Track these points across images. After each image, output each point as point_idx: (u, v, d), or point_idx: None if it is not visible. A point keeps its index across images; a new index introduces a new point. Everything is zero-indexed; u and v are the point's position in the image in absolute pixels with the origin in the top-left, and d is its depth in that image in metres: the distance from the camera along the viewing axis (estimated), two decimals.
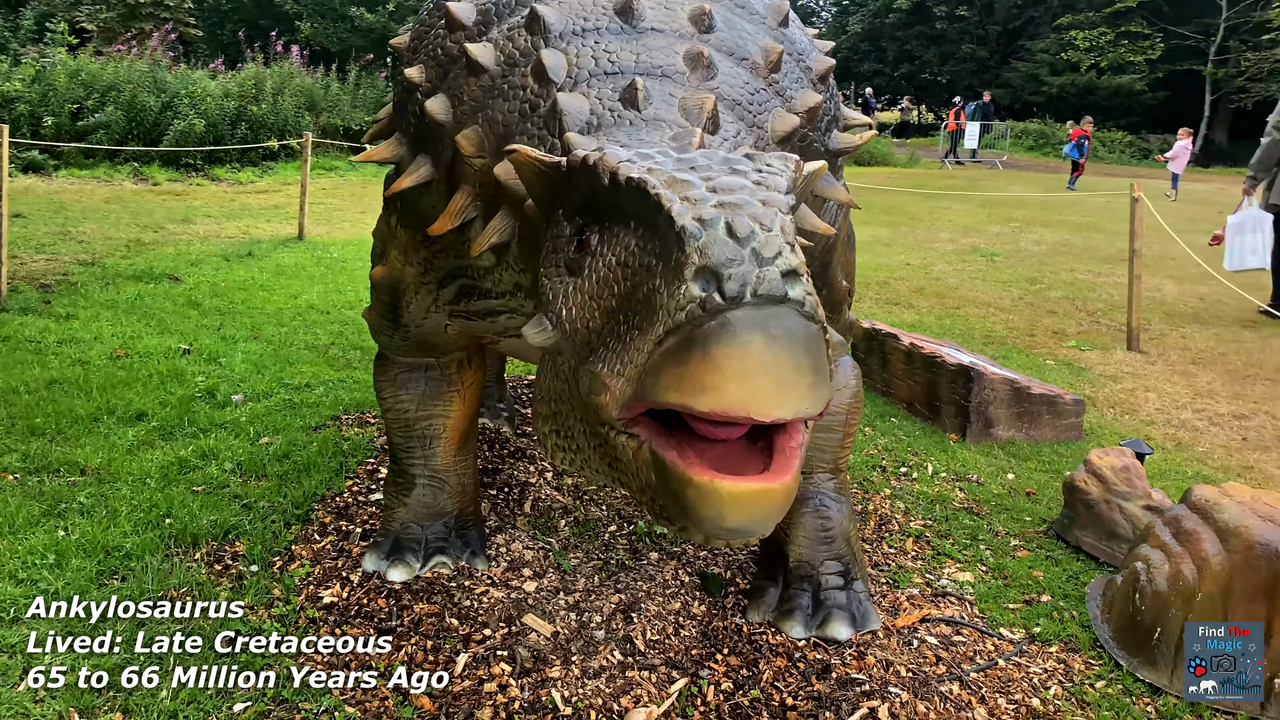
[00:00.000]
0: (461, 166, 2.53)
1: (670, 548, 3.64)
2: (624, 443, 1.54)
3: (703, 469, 1.41)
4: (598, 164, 1.63)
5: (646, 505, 1.57)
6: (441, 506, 3.40)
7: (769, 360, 1.34)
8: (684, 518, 1.47)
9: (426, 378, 3.32)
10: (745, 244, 1.39)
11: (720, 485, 1.40)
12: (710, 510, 1.42)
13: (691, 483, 1.41)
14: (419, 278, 2.97)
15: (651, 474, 1.49)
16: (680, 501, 1.45)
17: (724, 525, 1.44)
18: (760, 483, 1.41)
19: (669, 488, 1.46)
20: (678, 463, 1.44)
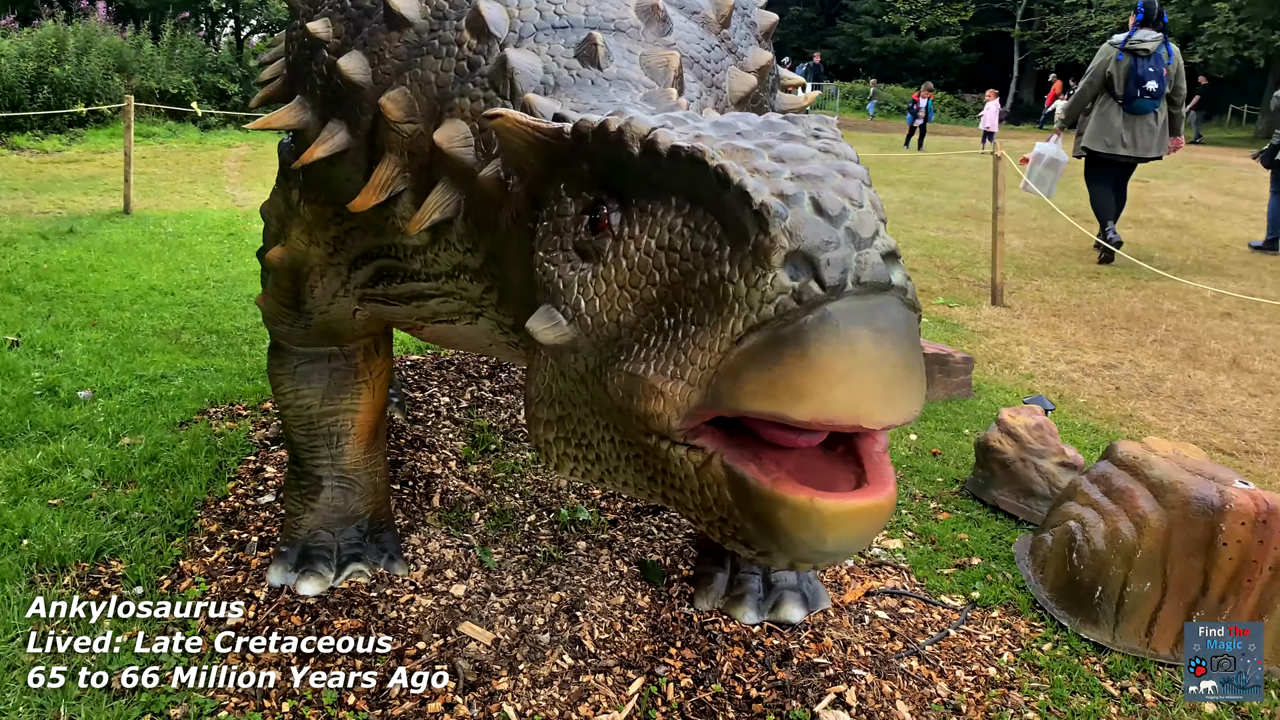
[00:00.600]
0: (386, 133, 2.24)
1: (598, 535, 3.45)
2: (683, 456, 1.33)
3: (797, 486, 1.22)
4: (624, 131, 1.40)
5: (711, 526, 1.37)
6: (353, 510, 3.10)
7: (876, 358, 1.16)
8: (769, 541, 1.27)
9: (330, 369, 2.99)
10: (838, 223, 1.20)
11: (823, 505, 1.20)
12: (809, 534, 1.22)
13: (785, 503, 1.21)
14: (327, 259, 2.65)
15: (726, 492, 1.29)
16: (767, 524, 1.25)
17: (823, 549, 1.25)
18: (867, 499, 1.22)
19: (751, 508, 1.26)
20: (761, 479, 1.24)
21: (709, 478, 1.30)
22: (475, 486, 3.84)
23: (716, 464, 1.29)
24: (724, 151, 1.28)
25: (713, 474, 1.30)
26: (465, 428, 4.35)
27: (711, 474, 1.30)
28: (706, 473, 1.30)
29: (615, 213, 1.46)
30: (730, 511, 1.29)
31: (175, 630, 2.84)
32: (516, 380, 4.91)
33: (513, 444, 4.23)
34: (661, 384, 1.30)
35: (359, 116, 2.32)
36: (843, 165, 1.28)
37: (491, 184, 1.98)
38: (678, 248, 1.33)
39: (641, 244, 1.38)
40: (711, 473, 1.30)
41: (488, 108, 2.08)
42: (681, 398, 1.28)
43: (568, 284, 1.50)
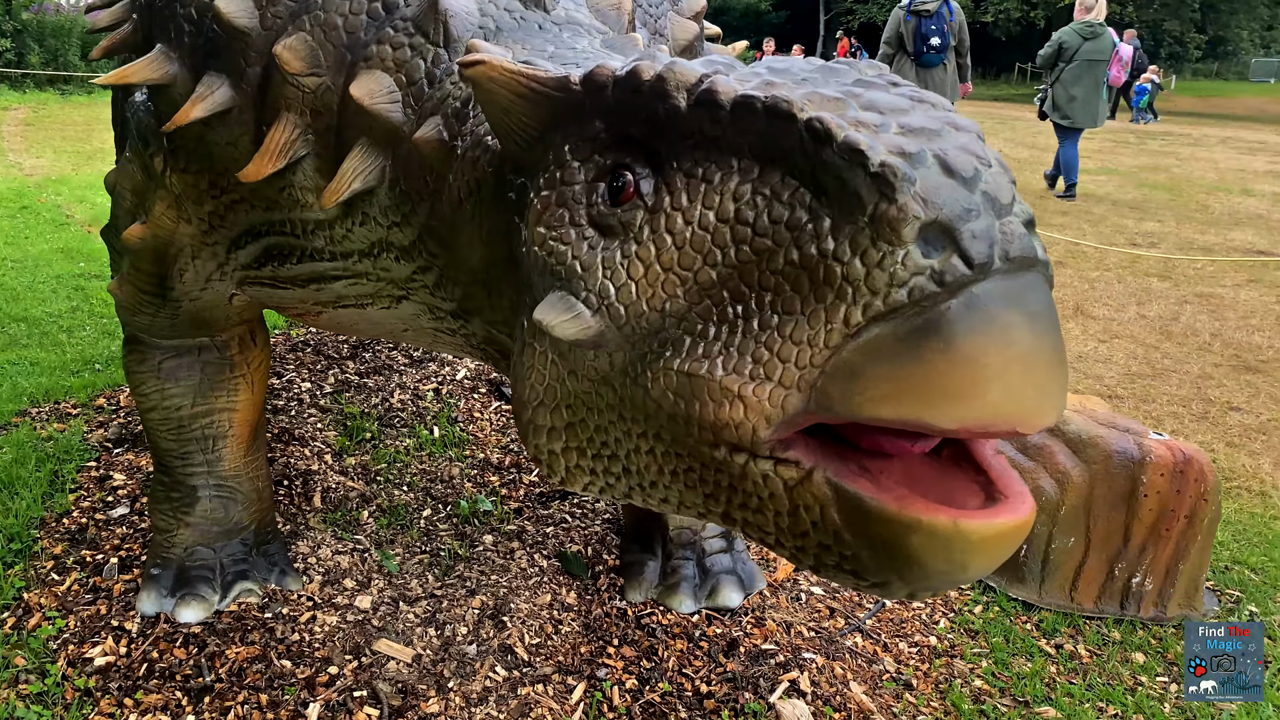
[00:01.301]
0: (282, 88, 1.91)
1: (504, 527, 3.19)
2: (769, 473, 1.10)
3: (931, 506, 1.02)
4: (665, 80, 1.16)
5: (800, 553, 1.15)
6: (236, 521, 2.73)
7: (1033, 349, 0.97)
8: (890, 571, 1.06)
9: (201, 363, 2.60)
10: (972, 186, 1.00)
11: (969, 528, 1.00)
12: (947, 562, 1.02)
13: (920, 528, 1.01)
14: (200, 237, 2.28)
15: (833, 515, 1.07)
16: (893, 552, 1.04)
17: (960, 576, 1.06)
18: (1015, 517, 1.03)
19: (870, 534, 1.05)
20: (884, 499, 1.03)
21: (807, 498, 1.09)
22: (357, 481, 3.50)
23: (820, 482, 1.07)
24: (811, 101, 1.05)
25: (814, 494, 1.08)
26: (334, 415, 3.98)
27: (812, 494, 1.08)
28: (804, 492, 1.09)
29: (645, 179, 1.21)
30: (837, 538, 1.08)
31: (30, 677, 2.42)
32: (383, 360, 4.55)
33: (390, 431, 3.89)
34: (739, 386, 1.07)
35: (244, 68, 1.97)
36: (951, 118, 1.08)
37: (431, 147, 1.69)
38: (748, 220, 1.10)
39: (693, 216, 1.14)
40: (812, 492, 1.08)
41: (415, 57, 1.79)
42: (772, 404, 1.05)
43: (588, 267, 1.24)
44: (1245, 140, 19.48)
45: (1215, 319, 6.51)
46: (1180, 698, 2.67)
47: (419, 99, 1.76)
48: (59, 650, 2.52)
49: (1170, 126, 22.00)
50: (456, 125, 1.67)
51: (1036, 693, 2.64)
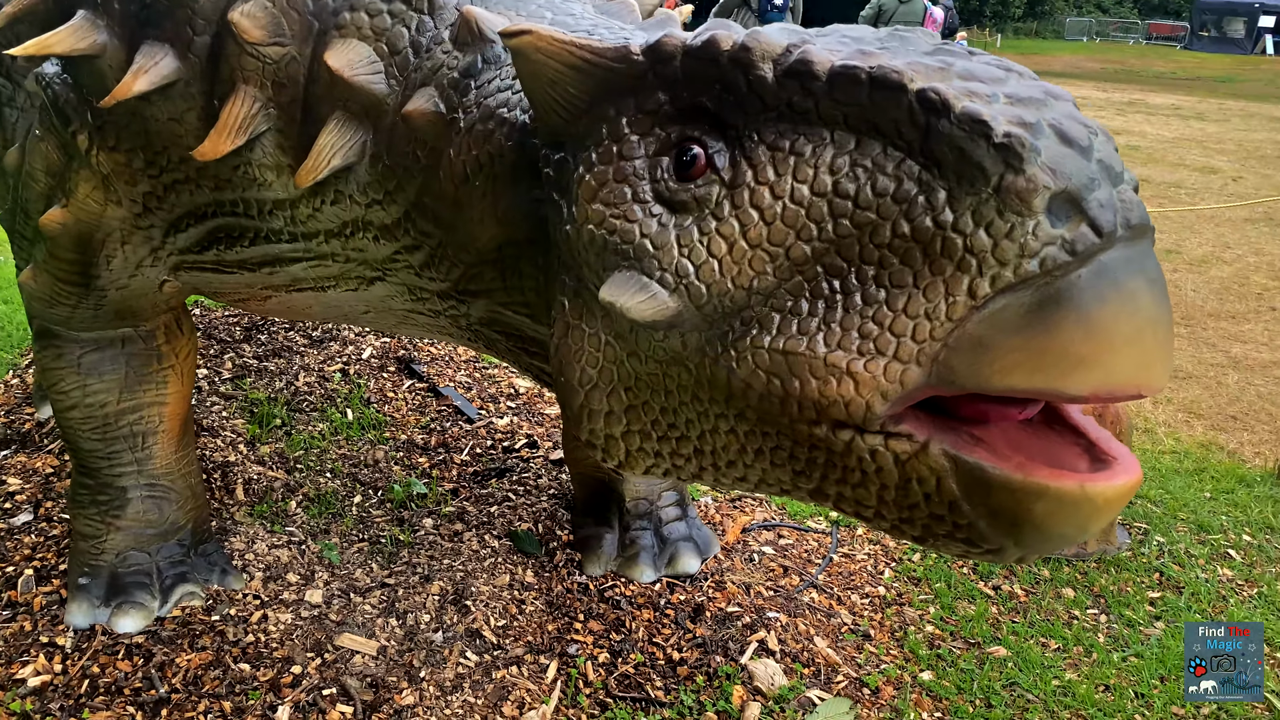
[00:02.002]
0: (240, 59, 1.78)
1: (443, 509, 3.11)
2: (879, 448, 1.09)
3: (1057, 473, 1.03)
4: (750, 50, 1.12)
5: (905, 525, 1.15)
6: (171, 521, 2.56)
7: (1156, 315, 1.00)
8: (1008, 537, 1.07)
9: (125, 355, 2.42)
10: (1089, 155, 1.01)
11: (1096, 491, 1.02)
12: (1071, 525, 1.05)
13: (1047, 493, 1.02)
14: (134, 221, 2.11)
15: (951, 486, 1.08)
16: (1013, 518, 1.05)
17: (1080, 537, 1.09)
18: (1131, 477, 1.06)
19: (991, 502, 1.06)
20: (1006, 468, 1.04)
21: (922, 470, 1.09)
22: (278, 470, 3.34)
23: (937, 454, 1.07)
24: (917, 71, 1.04)
25: (930, 465, 1.08)
26: (239, 402, 3.78)
27: (929, 465, 1.08)
28: (919, 465, 1.09)
29: (719, 153, 1.17)
30: (953, 508, 1.09)
31: None
32: (281, 342, 4.34)
33: (300, 415, 3.73)
34: (849, 363, 1.06)
35: (191, 38, 1.82)
36: (1047, 86, 1.09)
37: (426, 120, 1.61)
38: (850, 193, 1.08)
39: (783, 190, 1.12)
40: (929, 464, 1.08)
41: (396, 24, 1.70)
42: (889, 379, 1.05)
43: (660, 244, 1.20)
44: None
45: None
46: (1111, 627, 2.85)
47: (404, 69, 1.67)
48: None
49: None
50: (456, 96, 1.59)
51: (985, 633, 2.76)
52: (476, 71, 1.59)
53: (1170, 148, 13.33)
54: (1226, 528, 3.45)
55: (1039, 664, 2.65)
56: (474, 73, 1.59)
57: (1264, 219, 9.05)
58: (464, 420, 3.74)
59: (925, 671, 2.59)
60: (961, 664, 2.63)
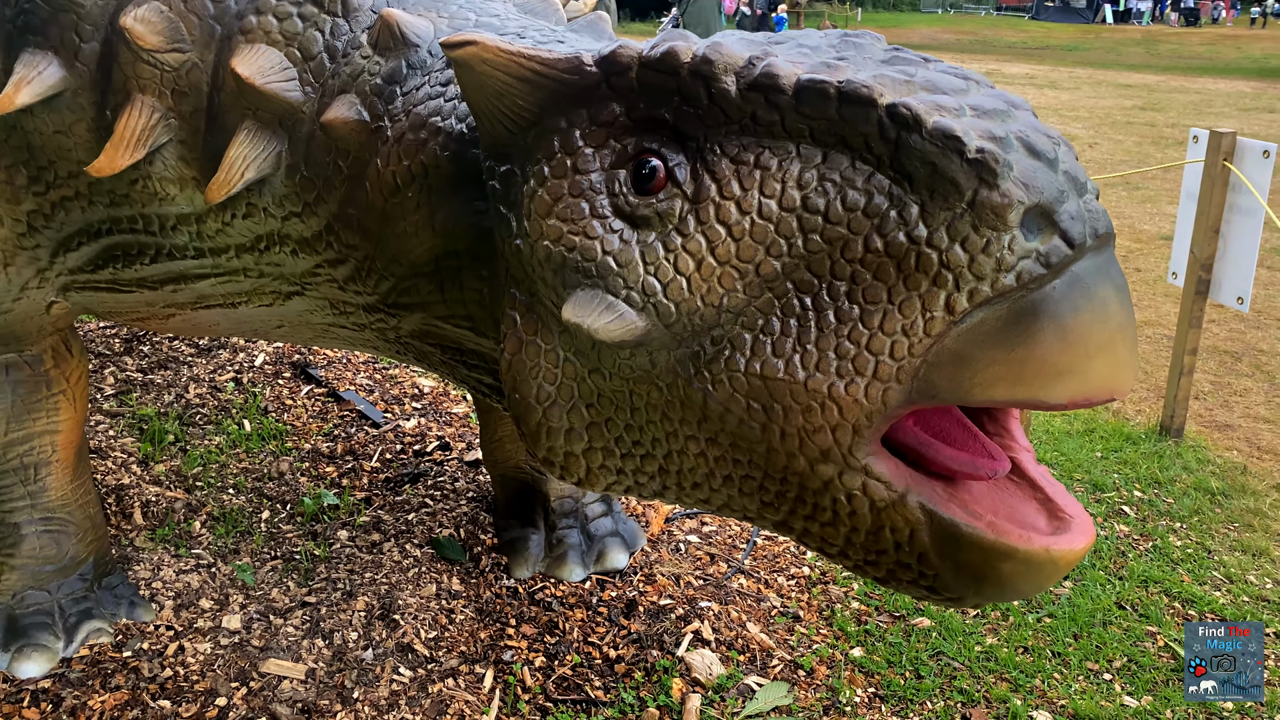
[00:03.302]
0: (135, 67, 1.67)
1: (358, 520, 3.02)
2: (858, 491, 1.09)
3: (1025, 534, 1.06)
4: (711, 62, 1.09)
5: (869, 566, 1.15)
6: (71, 555, 2.41)
7: (1125, 320, 1.03)
8: (970, 589, 1.10)
9: (11, 383, 2.26)
10: (1055, 167, 1.03)
11: (1059, 554, 1.06)
12: (1032, 583, 1.09)
13: (1015, 555, 1.05)
14: (17, 242, 1.97)
15: (924, 538, 1.09)
16: (979, 574, 1.08)
17: (1034, 592, 1.13)
18: (1088, 540, 1.10)
19: (960, 558, 1.08)
20: (979, 527, 1.06)
21: (897, 520, 1.10)
22: (176, 489, 3.19)
23: (913, 506, 1.09)
24: (884, 85, 1.04)
25: (906, 517, 1.09)
26: (127, 420, 3.59)
27: (905, 516, 1.09)
28: (895, 514, 1.09)
29: (680, 166, 1.15)
30: (921, 559, 1.11)
31: None
32: (165, 353, 4.14)
33: (194, 430, 3.57)
34: (828, 387, 1.06)
35: (78, 45, 1.70)
36: (1007, 96, 1.10)
37: (348, 129, 1.54)
38: (819, 208, 1.07)
39: (750, 205, 1.10)
40: (904, 515, 1.09)
41: (308, 28, 1.62)
42: (871, 400, 1.05)
43: (625, 261, 1.16)
44: None
45: None
46: None
47: (319, 75, 1.59)
48: None
49: None
50: (380, 104, 1.52)
51: (908, 605, 2.83)
52: (402, 78, 1.52)
53: None
54: (1119, 485, 3.62)
55: (961, 631, 2.73)
56: (399, 79, 1.52)
57: (1121, 184, 9.52)
58: (369, 425, 3.64)
59: (855, 648, 2.65)
60: (889, 638, 2.69)
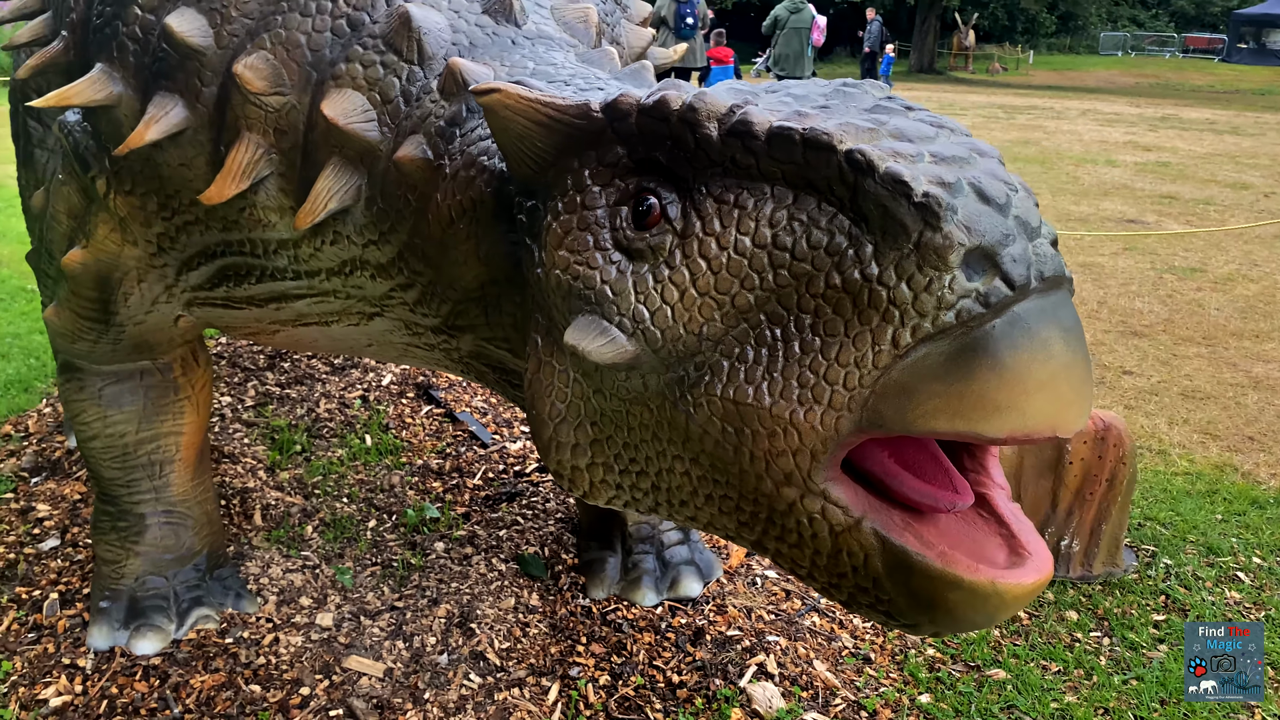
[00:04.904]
0: (244, 108, 1.87)
1: (454, 534, 3.19)
2: (818, 514, 1.16)
3: (973, 565, 1.10)
4: (696, 110, 1.19)
5: (833, 589, 1.21)
6: (188, 547, 2.66)
7: (1070, 361, 1.06)
8: (923, 616, 1.15)
9: (144, 387, 2.53)
10: (1006, 211, 1.07)
11: (1006, 588, 1.10)
12: (981, 615, 1.12)
13: (961, 585, 1.09)
14: (149, 260, 2.21)
15: (877, 564, 1.14)
16: (929, 603, 1.12)
17: (986, 625, 1.17)
18: (1041, 576, 1.13)
19: (912, 586, 1.12)
20: (929, 556, 1.11)
21: (853, 545, 1.15)
22: (296, 495, 3.43)
23: (868, 532, 1.14)
24: (846, 132, 1.11)
25: (861, 542, 1.15)
26: (261, 429, 3.89)
27: (859, 542, 1.15)
28: (851, 539, 1.15)
29: (672, 204, 1.25)
30: (876, 584, 1.16)
31: None
32: (304, 370, 4.46)
33: (320, 442, 3.83)
34: (789, 413, 1.12)
35: (200, 88, 1.92)
36: (974, 144, 1.15)
37: (415, 166, 1.69)
38: (786, 245, 1.15)
39: (728, 241, 1.19)
40: (859, 540, 1.15)
41: (388, 75, 1.78)
42: (825, 427, 1.11)
43: (619, 291, 1.27)
44: (1103, 112, 20.48)
45: (1099, 287, 6.87)
46: (1114, 650, 2.86)
47: (395, 117, 1.76)
48: (9, 694, 2.43)
49: (1034, 100, 22.98)
50: (442, 144, 1.67)
51: (985, 656, 2.78)
52: (461, 120, 1.67)
53: (1202, 164, 13.21)
54: (1236, 550, 3.44)
55: (1038, 686, 2.67)
56: (459, 121, 1.67)
57: None
58: (478, 445, 3.83)
59: (924, 694, 2.62)
60: (960, 687, 2.65)
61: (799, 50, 14.74)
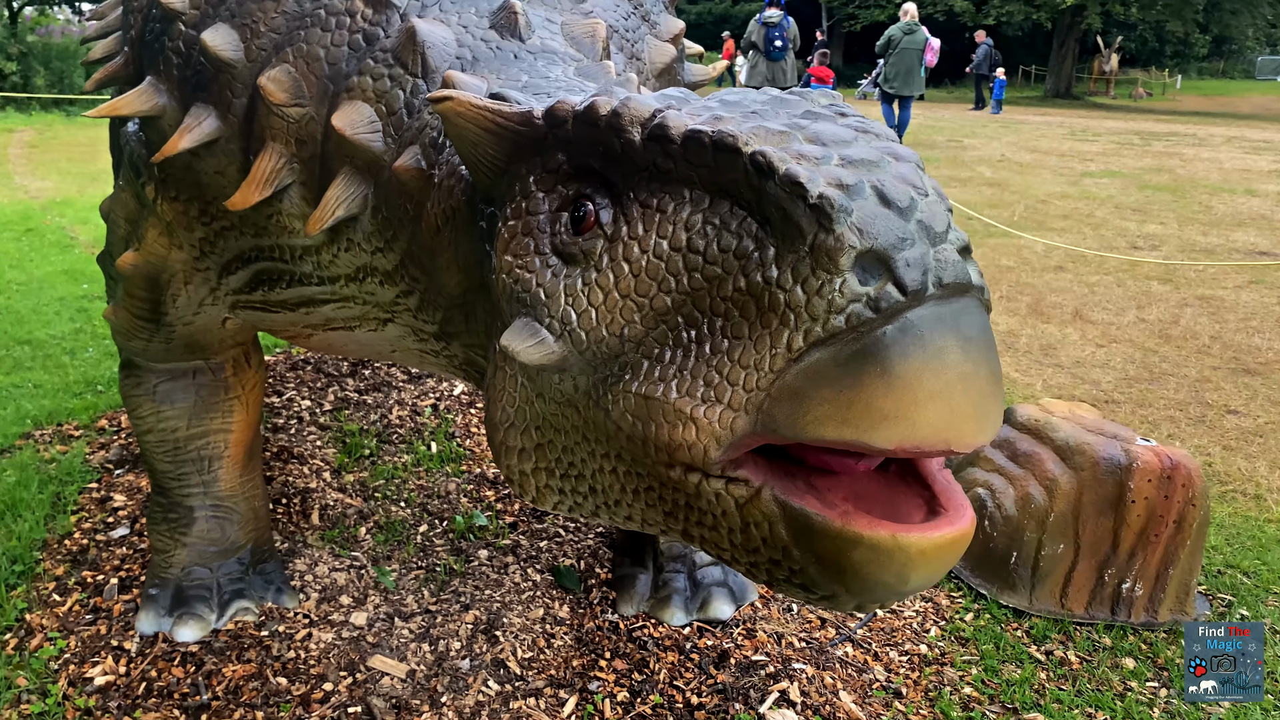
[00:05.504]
0: (268, 119, 1.95)
1: (499, 542, 3.23)
2: (720, 492, 1.15)
3: (873, 521, 1.06)
4: (620, 115, 1.20)
5: (754, 568, 1.19)
6: (232, 540, 2.77)
7: (967, 371, 1.01)
8: (837, 584, 1.10)
9: (196, 385, 2.65)
10: (908, 215, 1.04)
11: (908, 541, 1.05)
12: (889, 574, 1.07)
13: (862, 541, 1.05)
14: (193, 264, 2.32)
15: (781, 531, 1.11)
16: (837, 566, 1.08)
17: (903, 589, 1.10)
18: (952, 529, 1.07)
19: (816, 549, 1.09)
20: (829, 515, 1.07)
21: (757, 515, 1.13)
22: (355, 498, 3.54)
23: (768, 499, 1.12)
24: (755, 135, 1.09)
25: (762, 511, 1.12)
26: (334, 433, 4.02)
27: (761, 510, 1.12)
28: (753, 509, 1.13)
29: (605, 209, 1.25)
30: (785, 553, 1.12)
31: (32, 698, 2.46)
32: (382, 377, 4.60)
33: (388, 447, 3.94)
34: (691, 409, 1.12)
35: (231, 100, 2.01)
36: (891, 148, 1.12)
37: (410, 175, 1.73)
38: (699, 249, 1.14)
39: (649, 245, 1.19)
40: (761, 509, 1.12)
41: (394, 87, 1.83)
42: (722, 425, 1.09)
43: (551, 294, 1.28)
44: (1251, 139, 19.42)
45: (1215, 321, 6.51)
46: (1170, 702, 2.69)
47: (399, 128, 1.81)
48: (60, 670, 2.56)
49: (1176, 126, 21.97)
50: (434, 154, 1.71)
51: (1025, 699, 2.66)
52: None
53: None
54: None
55: None
56: None
57: None
58: None
59: None
60: None
61: (910, 70, 15.14)
